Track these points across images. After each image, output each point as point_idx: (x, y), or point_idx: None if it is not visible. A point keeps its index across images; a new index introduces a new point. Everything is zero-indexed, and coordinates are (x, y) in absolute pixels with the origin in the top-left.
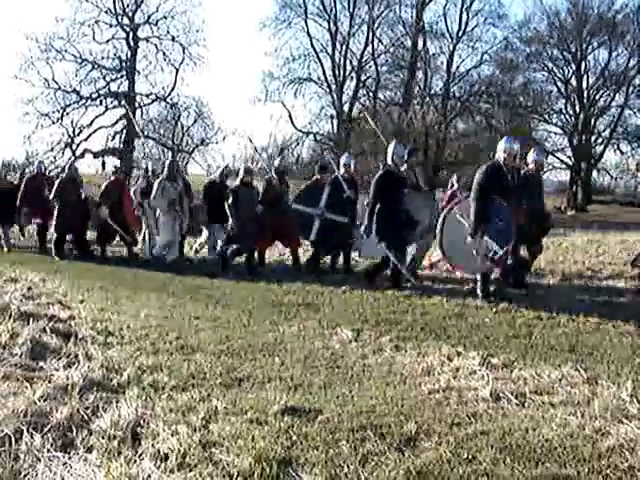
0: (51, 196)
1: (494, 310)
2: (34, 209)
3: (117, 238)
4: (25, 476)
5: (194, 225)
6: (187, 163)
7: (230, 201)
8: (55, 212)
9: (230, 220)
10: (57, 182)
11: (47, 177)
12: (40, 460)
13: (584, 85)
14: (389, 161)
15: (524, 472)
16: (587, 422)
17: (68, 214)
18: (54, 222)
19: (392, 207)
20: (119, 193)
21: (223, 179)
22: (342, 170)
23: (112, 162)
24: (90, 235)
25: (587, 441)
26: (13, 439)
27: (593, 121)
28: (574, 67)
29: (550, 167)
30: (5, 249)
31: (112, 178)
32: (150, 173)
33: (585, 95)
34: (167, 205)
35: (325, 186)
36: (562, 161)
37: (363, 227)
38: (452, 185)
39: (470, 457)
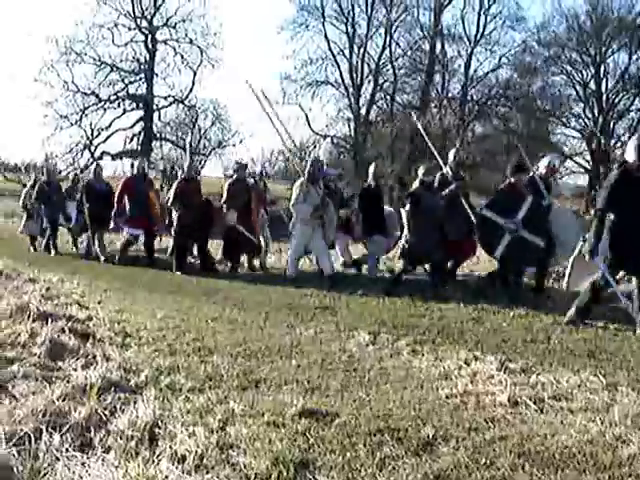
0: (170, 200)
1: (511, 315)
2: (135, 216)
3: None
4: (44, 475)
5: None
6: (203, 166)
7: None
8: (175, 219)
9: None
10: (175, 184)
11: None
12: (59, 459)
13: (603, 88)
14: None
15: (543, 478)
16: (607, 429)
17: (190, 221)
18: (173, 231)
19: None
20: (246, 195)
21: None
22: (542, 170)
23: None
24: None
25: (607, 448)
26: (33, 438)
27: (612, 125)
28: (593, 70)
29: (568, 171)
30: (102, 258)
31: (235, 177)
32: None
33: (604, 99)
34: (311, 212)
35: (524, 193)
36: (580, 165)
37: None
38: None
39: (488, 462)
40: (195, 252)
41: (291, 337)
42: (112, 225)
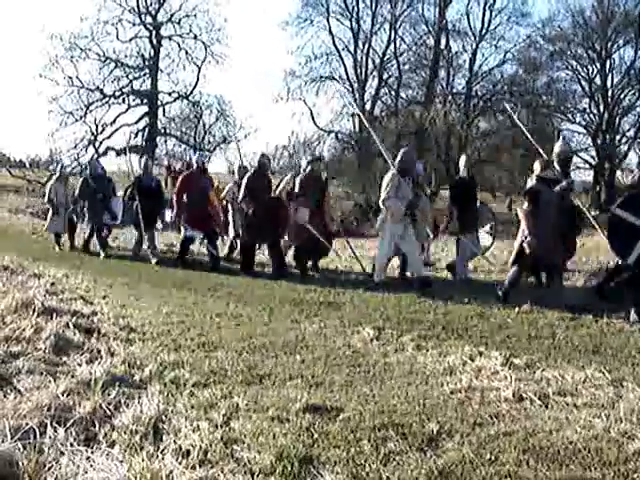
0: (240, 197)
1: (516, 310)
2: (196, 215)
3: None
4: (49, 469)
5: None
6: (208, 161)
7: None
8: (244, 217)
9: None
10: (245, 178)
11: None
12: (64, 453)
13: (609, 84)
14: None
15: (548, 474)
16: (612, 425)
17: (260, 218)
18: (242, 230)
19: None
20: (320, 191)
21: None
22: None
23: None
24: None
25: (612, 444)
26: (37, 432)
27: (617, 120)
28: (599, 66)
29: (574, 167)
30: (153, 260)
31: (308, 170)
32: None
33: (610, 94)
34: (404, 209)
35: None
36: (586, 161)
37: None
38: None
39: (493, 458)
40: (266, 252)
41: (295, 332)
42: (161, 225)
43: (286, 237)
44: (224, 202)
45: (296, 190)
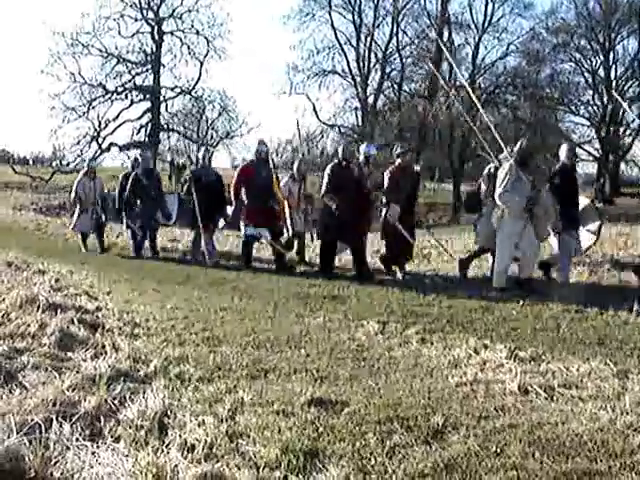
0: (322, 190)
1: (521, 303)
2: (256, 211)
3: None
4: (55, 464)
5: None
6: (211, 156)
7: None
8: (323, 213)
9: None
10: (329, 169)
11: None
12: (69, 449)
13: (612, 76)
14: None
15: (553, 466)
16: (618, 417)
17: (344, 214)
18: (320, 227)
19: None
20: (412, 187)
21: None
22: None
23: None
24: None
25: (618, 436)
26: (43, 427)
27: (621, 112)
28: (602, 57)
29: (577, 159)
30: (208, 261)
31: (398, 162)
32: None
33: (613, 86)
34: (524, 204)
35: None
36: (589, 153)
37: None
38: None
39: (498, 450)
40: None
41: (300, 326)
42: (223, 223)
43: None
44: None
45: (385, 185)
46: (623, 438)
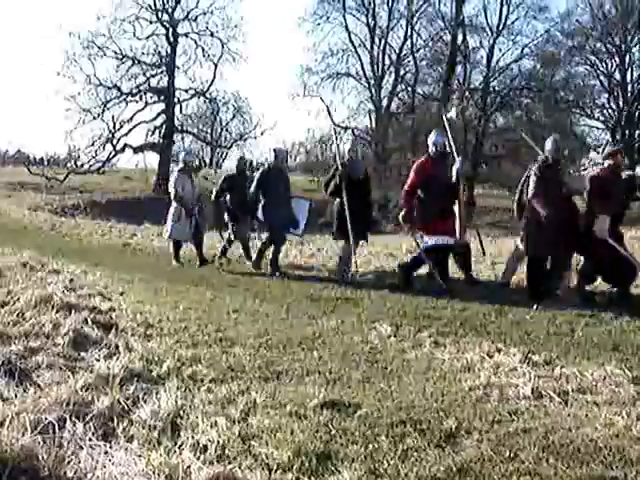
0: (529, 194)
1: (535, 307)
2: (438, 218)
3: None
4: (68, 463)
5: None
6: (225, 158)
7: None
8: (531, 223)
9: None
10: (536, 169)
11: None
12: (83, 448)
13: (628, 79)
14: None
15: (568, 472)
16: (633, 423)
17: (555, 226)
18: (528, 240)
19: None
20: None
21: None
22: None
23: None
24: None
25: (634, 442)
26: (57, 427)
27: (637, 116)
28: (618, 60)
29: (592, 162)
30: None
31: (608, 164)
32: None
33: (629, 89)
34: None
35: None
36: None
37: None
38: None
39: (512, 455)
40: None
41: (313, 329)
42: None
43: None
44: None
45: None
46: (639, 445)
